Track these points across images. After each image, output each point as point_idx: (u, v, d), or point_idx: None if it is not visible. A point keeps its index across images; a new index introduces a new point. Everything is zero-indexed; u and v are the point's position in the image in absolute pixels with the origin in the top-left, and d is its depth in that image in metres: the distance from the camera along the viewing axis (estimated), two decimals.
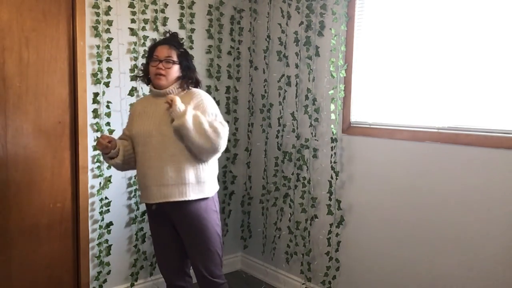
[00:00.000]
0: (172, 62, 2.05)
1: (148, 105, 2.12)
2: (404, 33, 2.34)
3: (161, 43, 2.11)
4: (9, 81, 2.32)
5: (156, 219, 2.16)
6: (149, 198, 2.06)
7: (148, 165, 2.03)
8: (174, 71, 2.08)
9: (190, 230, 2.09)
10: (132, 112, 2.21)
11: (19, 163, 2.39)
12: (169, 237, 2.16)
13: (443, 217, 2.19)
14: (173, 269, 2.22)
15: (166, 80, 2.06)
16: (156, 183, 2.01)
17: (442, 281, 2.21)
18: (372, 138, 2.49)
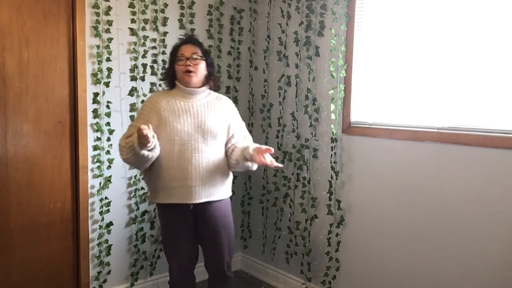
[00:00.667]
0: (199, 58, 2.10)
1: (175, 103, 2.10)
2: (404, 33, 2.34)
3: (184, 43, 2.15)
4: (9, 81, 2.32)
5: (180, 218, 2.13)
6: (190, 198, 2.06)
7: (190, 165, 2.04)
8: (202, 68, 2.12)
9: (219, 226, 2.17)
10: (151, 107, 2.11)
11: (19, 163, 2.39)
12: (189, 238, 2.17)
13: (443, 217, 2.19)
14: (186, 270, 2.24)
15: (196, 76, 2.10)
16: (201, 183, 2.06)
17: (442, 280, 2.21)
18: (372, 138, 2.49)
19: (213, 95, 2.20)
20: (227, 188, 2.21)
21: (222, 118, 2.15)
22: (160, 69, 2.81)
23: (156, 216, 2.89)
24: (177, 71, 2.12)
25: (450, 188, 2.15)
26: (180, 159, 2.04)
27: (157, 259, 2.94)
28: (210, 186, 2.09)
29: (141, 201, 2.82)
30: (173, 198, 2.07)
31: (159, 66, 2.81)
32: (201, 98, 2.15)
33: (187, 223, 2.14)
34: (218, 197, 2.14)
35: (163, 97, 2.13)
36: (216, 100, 2.19)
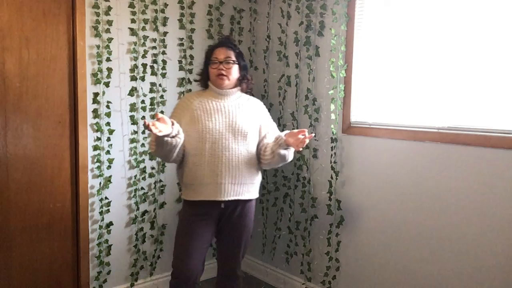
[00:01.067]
0: (232, 62, 2.16)
1: (208, 102, 2.16)
2: (404, 33, 2.34)
3: (218, 46, 2.21)
4: (9, 81, 2.32)
5: (204, 215, 2.15)
6: (220, 196, 2.10)
7: (221, 163, 2.08)
8: (235, 71, 2.18)
9: (242, 226, 2.21)
10: (188, 107, 2.16)
11: (19, 163, 2.39)
12: (208, 236, 2.19)
13: (443, 217, 2.19)
14: (197, 268, 2.22)
15: (228, 79, 2.16)
16: (231, 181, 2.10)
17: (442, 280, 2.21)
18: (372, 138, 2.49)
19: (244, 97, 2.26)
20: (256, 189, 2.24)
21: (252, 119, 2.20)
22: (160, 69, 2.81)
23: (156, 216, 2.90)
24: (210, 73, 2.19)
25: (450, 188, 2.15)
26: (210, 157, 2.08)
27: (157, 259, 2.94)
28: (239, 185, 2.13)
29: (141, 201, 2.83)
30: (202, 195, 2.12)
31: (159, 66, 2.81)
32: (233, 99, 2.21)
33: (212, 220, 2.17)
34: (246, 196, 2.18)
35: (196, 97, 2.20)
36: (247, 101, 2.24)
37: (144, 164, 2.80)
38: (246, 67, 2.26)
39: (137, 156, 2.76)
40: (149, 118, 2.78)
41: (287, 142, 2.07)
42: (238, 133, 2.12)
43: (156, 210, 2.90)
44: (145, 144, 2.79)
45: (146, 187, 2.84)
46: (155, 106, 2.80)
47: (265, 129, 2.23)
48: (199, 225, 2.16)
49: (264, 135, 2.22)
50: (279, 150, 2.11)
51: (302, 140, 1.99)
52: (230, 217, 2.18)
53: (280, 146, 2.11)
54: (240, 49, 2.26)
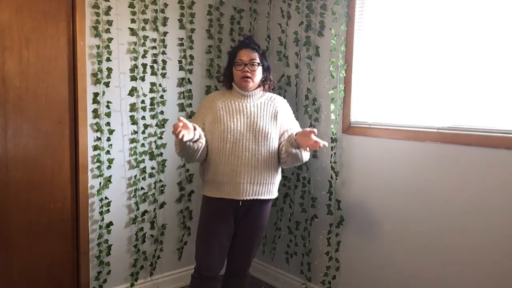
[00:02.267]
0: (257, 65, 2.20)
1: (231, 103, 2.21)
2: (404, 33, 2.35)
3: (242, 47, 2.24)
4: (9, 81, 2.32)
5: (223, 212, 2.20)
6: (238, 194, 2.14)
7: (241, 163, 2.13)
8: (259, 73, 2.23)
9: (257, 226, 2.26)
10: (213, 107, 2.21)
11: (19, 163, 2.39)
12: (227, 231, 2.24)
13: (443, 217, 2.19)
14: (217, 263, 2.27)
15: (253, 82, 2.21)
16: (250, 180, 2.14)
17: (442, 280, 2.21)
18: (372, 138, 2.49)
19: (266, 96, 2.29)
20: (274, 189, 2.27)
21: (274, 118, 2.23)
22: (160, 69, 2.81)
23: (156, 216, 2.90)
24: (234, 75, 2.23)
25: (450, 188, 2.15)
26: (231, 156, 2.13)
27: (157, 259, 2.94)
28: (258, 185, 2.17)
29: (141, 201, 2.83)
30: (222, 193, 2.17)
31: (159, 66, 2.81)
32: (255, 99, 2.25)
33: (229, 218, 2.22)
34: (265, 196, 2.21)
35: (219, 97, 2.25)
36: (269, 100, 2.27)
37: (144, 164, 2.80)
38: (269, 68, 2.30)
39: (137, 156, 2.76)
40: (149, 118, 2.78)
41: (297, 141, 2.08)
42: (259, 133, 2.16)
43: (156, 210, 2.90)
44: (145, 144, 2.80)
45: (146, 187, 2.84)
46: (155, 106, 2.80)
47: (285, 127, 2.26)
48: (219, 220, 2.21)
49: (283, 133, 2.24)
50: (290, 149, 2.13)
51: (312, 144, 1.99)
52: (247, 216, 2.23)
53: (291, 145, 2.12)
54: (263, 50, 2.30)
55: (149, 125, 2.78)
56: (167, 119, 2.85)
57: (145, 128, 2.77)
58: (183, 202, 3.02)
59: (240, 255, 2.32)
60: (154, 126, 2.82)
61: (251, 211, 2.23)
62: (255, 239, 2.30)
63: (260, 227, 2.29)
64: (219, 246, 2.24)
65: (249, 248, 2.30)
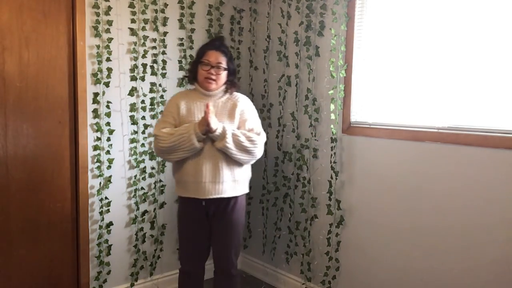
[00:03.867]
0: (223, 69, 2.21)
1: (193, 102, 2.23)
2: (404, 33, 2.34)
3: (212, 48, 2.23)
4: (9, 81, 2.32)
5: (195, 211, 2.22)
6: (201, 194, 2.15)
7: (202, 162, 2.14)
8: (223, 77, 2.23)
9: (230, 224, 2.25)
10: (177, 105, 2.22)
11: (19, 163, 2.39)
12: (203, 229, 2.26)
13: (443, 217, 2.19)
14: (198, 259, 2.33)
15: (216, 84, 2.22)
16: (212, 179, 2.14)
17: (442, 280, 2.21)
18: (372, 138, 2.49)
19: (226, 96, 2.29)
20: (241, 186, 2.25)
21: (232, 114, 2.23)
22: (160, 69, 2.81)
23: (156, 216, 2.90)
24: (199, 73, 2.23)
25: (450, 188, 2.15)
26: (194, 156, 2.14)
27: (157, 259, 2.94)
28: (221, 183, 2.16)
29: (141, 201, 2.83)
30: (187, 192, 2.19)
31: (159, 66, 2.81)
32: (216, 98, 2.26)
33: (201, 216, 2.23)
34: (229, 194, 2.19)
35: (182, 97, 2.26)
36: (229, 99, 2.28)
37: (144, 164, 2.80)
38: (234, 72, 2.31)
39: (137, 156, 2.76)
40: (149, 118, 2.78)
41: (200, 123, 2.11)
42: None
43: (156, 210, 2.90)
44: (145, 144, 2.79)
45: (146, 187, 2.84)
46: (155, 106, 2.80)
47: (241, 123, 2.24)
48: (190, 219, 2.26)
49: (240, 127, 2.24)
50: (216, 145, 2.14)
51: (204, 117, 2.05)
52: (217, 215, 2.23)
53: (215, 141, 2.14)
54: (231, 53, 2.31)
55: (149, 125, 2.78)
56: None
57: (145, 128, 2.77)
58: None
59: (220, 255, 2.31)
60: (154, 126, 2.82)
61: (220, 210, 2.21)
62: (231, 237, 2.26)
63: (234, 225, 2.25)
64: (195, 243, 2.28)
65: (226, 247, 2.28)
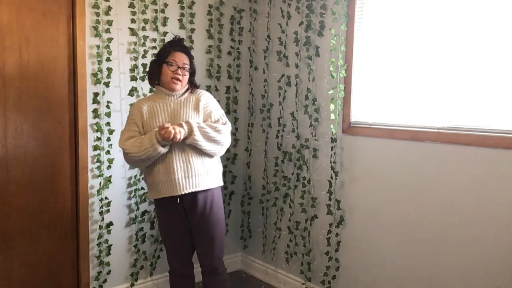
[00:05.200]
0: (187, 70, 2.25)
1: (155, 104, 2.24)
2: (404, 33, 2.34)
3: (178, 50, 2.26)
4: (9, 81, 2.32)
5: (172, 211, 2.24)
6: (175, 190, 2.15)
7: (172, 159, 2.15)
8: (187, 77, 2.27)
9: (209, 217, 2.24)
10: (139, 111, 2.23)
11: (19, 163, 2.39)
12: (183, 228, 2.28)
13: (443, 217, 2.19)
14: (185, 259, 2.35)
15: (181, 85, 2.25)
16: (184, 174, 2.15)
17: (442, 280, 2.21)
18: (372, 138, 2.49)
19: (187, 93, 2.31)
20: (214, 178, 2.26)
21: (196, 108, 2.25)
22: None
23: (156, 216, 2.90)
24: (164, 73, 2.23)
25: (450, 188, 2.15)
26: (162, 156, 2.16)
27: (157, 259, 2.94)
28: (194, 177, 2.17)
29: (141, 201, 2.82)
30: (161, 193, 2.19)
31: None
32: (177, 96, 2.27)
33: (179, 215, 2.24)
34: (203, 186, 2.20)
35: (145, 102, 2.26)
36: (190, 95, 2.29)
37: None
38: (194, 72, 2.35)
39: None
40: None
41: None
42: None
43: None
44: None
45: (146, 187, 2.83)
46: None
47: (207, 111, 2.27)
48: (169, 220, 2.28)
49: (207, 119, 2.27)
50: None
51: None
52: (194, 210, 2.22)
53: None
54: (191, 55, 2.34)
55: None
56: None
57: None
58: None
59: (203, 252, 2.30)
60: None
61: (197, 204, 2.21)
62: (212, 232, 2.26)
63: (213, 220, 2.25)
64: (180, 243, 2.30)
65: (209, 242, 2.27)
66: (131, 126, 2.22)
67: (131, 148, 2.14)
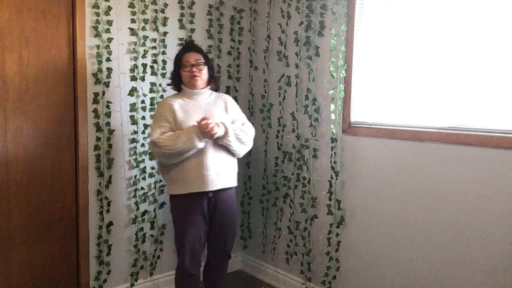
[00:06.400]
0: (203, 64, 2.37)
1: (185, 103, 2.36)
2: (404, 33, 2.34)
3: (187, 51, 2.40)
4: (9, 81, 2.32)
5: (195, 207, 2.32)
6: (207, 186, 2.27)
7: (206, 156, 2.27)
8: (205, 72, 2.39)
9: (229, 214, 2.42)
10: (170, 108, 2.32)
11: (19, 163, 2.39)
12: (203, 225, 2.36)
13: (443, 217, 2.19)
14: (197, 256, 2.40)
15: (201, 80, 2.38)
16: (215, 171, 2.29)
17: (442, 281, 2.21)
18: (372, 138, 2.49)
19: (214, 94, 2.48)
20: (235, 176, 2.45)
21: (225, 110, 2.43)
22: (160, 69, 2.81)
23: (156, 216, 2.90)
24: (183, 76, 2.38)
25: (450, 188, 2.15)
26: (195, 153, 2.25)
27: (157, 259, 2.94)
28: (222, 174, 2.33)
29: (141, 201, 2.82)
30: (191, 188, 2.28)
31: (159, 66, 2.81)
32: (206, 97, 2.43)
33: (202, 211, 2.33)
34: (229, 184, 2.38)
35: (174, 100, 2.37)
36: (218, 98, 2.47)
37: (144, 164, 2.80)
38: (213, 67, 2.50)
39: (137, 156, 2.76)
40: (149, 118, 2.78)
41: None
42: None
43: (156, 210, 2.90)
44: (145, 144, 2.79)
45: (146, 187, 2.84)
46: (155, 106, 2.80)
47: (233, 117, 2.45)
48: (193, 215, 2.32)
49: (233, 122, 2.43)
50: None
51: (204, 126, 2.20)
52: (217, 206, 2.36)
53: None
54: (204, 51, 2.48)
55: (148, 125, 2.78)
56: None
57: (145, 128, 2.77)
58: None
59: (223, 239, 2.45)
60: None
61: (220, 201, 2.36)
62: (230, 227, 2.45)
63: (232, 215, 2.44)
64: (199, 240, 2.36)
65: (229, 231, 2.45)
66: (163, 122, 2.30)
67: (167, 142, 2.21)
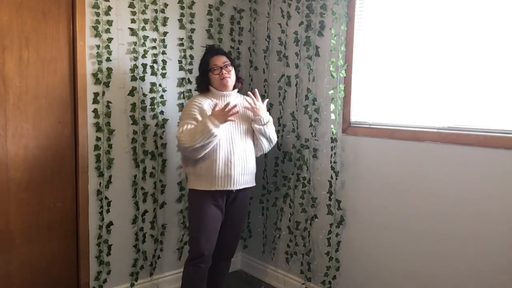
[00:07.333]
0: (230, 65, 2.46)
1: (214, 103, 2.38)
2: (404, 33, 2.34)
3: (214, 54, 2.48)
4: (9, 81, 2.32)
5: (216, 203, 2.40)
6: (231, 185, 2.38)
7: (233, 157, 2.36)
8: (233, 73, 2.49)
9: (243, 211, 2.56)
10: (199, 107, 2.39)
11: (19, 163, 2.39)
12: (220, 220, 2.45)
13: (442, 217, 2.19)
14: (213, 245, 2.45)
15: (231, 81, 2.47)
16: (241, 172, 2.41)
17: (442, 280, 2.21)
18: (372, 138, 2.49)
19: (240, 96, 2.58)
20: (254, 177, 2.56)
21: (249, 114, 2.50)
22: (160, 69, 2.81)
23: (156, 216, 2.90)
24: (212, 79, 2.45)
25: (450, 188, 2.15)
26: (222, 152, 2.35)
27: (157, 259, 2.94)
28: (247, 175, 2.45)
29: (141, 201, 2.82)
30: (216, 186, 2.36)
31: (159, 66, 2.81)
32: (234, 99, 2.50)
33: (220, 208, 2.43)
34: (250, 184, 2.51)
35: (204, 99, 2.44)
36: (242, 99, 2.56)
37: (144, 164, 2.80)
38: (238, 68, 2.59)
39: (137, 156, 2.76)
40: (149, 118, 2.78)
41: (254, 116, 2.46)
42: (243, 129, 2.45)
43: (156, 210, 2.90)
44: (145, 144, 2.79)
45: (146, 187, 2.84)
46: (155, 106, 2.80)
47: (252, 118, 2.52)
48: (212, 209, 2.40)
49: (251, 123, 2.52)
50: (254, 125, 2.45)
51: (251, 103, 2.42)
52: (234, 203, 2.47)
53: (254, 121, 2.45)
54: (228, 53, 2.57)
55: (149, 125, 2.79)
56: (167, 119, 2.86)
57: (145, 128, 2.77)
58: (183, 202, 3.02)
59: (231, 239, 2.56)
60: (154, 126, 2.82)
61: (238, 198, 2.47)
62: (242, 223, 2.60)
63: (245, 213, 2.60)
64: (214, 231, 2.43)
65: (238, 231, 2.59)
66: (190, 120, 2.34)
67: (186, 137, 2.26)
